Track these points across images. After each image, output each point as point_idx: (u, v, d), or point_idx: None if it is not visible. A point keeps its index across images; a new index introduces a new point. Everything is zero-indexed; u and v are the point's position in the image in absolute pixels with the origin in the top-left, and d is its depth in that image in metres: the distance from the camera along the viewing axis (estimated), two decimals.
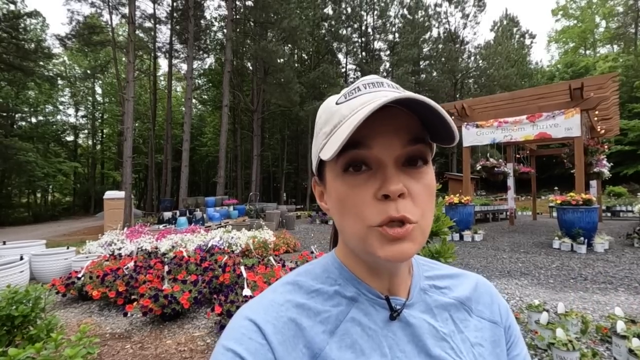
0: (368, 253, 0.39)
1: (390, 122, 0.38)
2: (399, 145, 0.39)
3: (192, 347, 2.87)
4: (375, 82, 0.41)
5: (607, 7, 33.28)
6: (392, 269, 0.44)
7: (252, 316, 0.41)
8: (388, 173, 0.38)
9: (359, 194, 0.39)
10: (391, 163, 0.38)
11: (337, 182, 0.41)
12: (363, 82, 0.42)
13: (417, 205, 0.39)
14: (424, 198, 0.40)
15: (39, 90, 28.26)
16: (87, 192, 33.55)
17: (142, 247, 6.27)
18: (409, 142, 0.39)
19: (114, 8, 23.51)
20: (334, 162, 0.41)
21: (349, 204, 0.39)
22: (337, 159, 0.39)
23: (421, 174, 0.40)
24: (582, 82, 7.76)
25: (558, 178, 25.60)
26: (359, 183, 0.39)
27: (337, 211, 0.42)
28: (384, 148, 0.38)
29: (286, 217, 12.93)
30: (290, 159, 32.11)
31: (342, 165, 0.40)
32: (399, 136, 0.39)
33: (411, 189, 0.39)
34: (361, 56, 33.35)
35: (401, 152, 0.39)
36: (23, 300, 2.44)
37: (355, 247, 0.42)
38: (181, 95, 37.97)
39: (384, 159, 0.38)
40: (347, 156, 0.39)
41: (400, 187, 0.37)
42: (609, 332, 2.66)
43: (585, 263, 5.66)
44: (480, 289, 0.52)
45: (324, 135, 0.41)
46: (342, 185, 0.40)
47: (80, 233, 14.35)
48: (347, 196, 0.39)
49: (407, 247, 0.38)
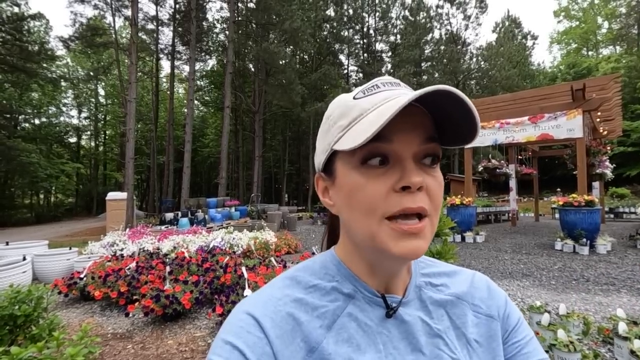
0: (379, 249, 0.39)
1: (409, 120, 0.39)
2: (417, 142, 0.39)
3: (194, 347, 2.87)
4: (393, 82, 0.43)
5: (609, 8, 33.20)
6: (393, 269, 0.44)
7: (250, 310, 0.41)
8: (407, 167, 0.39)
9: (376, 185, 0.39)
10: (410, 158, 0.39)
11: (353, 174, 0.41)
12: (381, 81, 0.43)
13: (432, 200, 0.40)
14: (438, 195, 0.41)
15: (42, 92, 28.41)
16: (90, 193, 33.66)
17: (144, 248, 6.29)
18: (426, 140, 0.40)
19: (117, 10, 23.66)
20: (350, 155, 0.41)
21: (362, 196, 0.39)
22: (355, 151, 0.40)
23: (435, 172, 0.41)
24: (584, 83, 7.74)
25: (560, 179, 25.51)
26: (378, 175, 0.39)
27: (346, 204, 0.42)
28: (404, 143, 0.39)
29: (287, 218, 12.93)
30: (291, 160, 32.14)
31: (360, 158, 0.40)
32: (417, 133, 0.40)
33: (428, 184, 0.40)
34: (363, 58, 33.41)
35: (419, 149, 0.40)
36: (25, 300, 2.46)
37: (362, 242, 0.42)
38: (183, 96, 38.08)
39: (403, 153, 0.39)
40: (367, 148, 0.39)
41: (421, 179, 0.38)
42: (611, 333, 2.64)
43: (588, 264, 5.64)
44: (476, 284, 0.52)
45: (340, 128, 0.41)
46: (360, 176, 0.40)
47: (82, 234, 14.40)
48: (363, 187, 0.39)
49: (420, 244, 0.38)
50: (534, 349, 0.47)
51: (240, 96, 25.67)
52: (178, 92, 38.62)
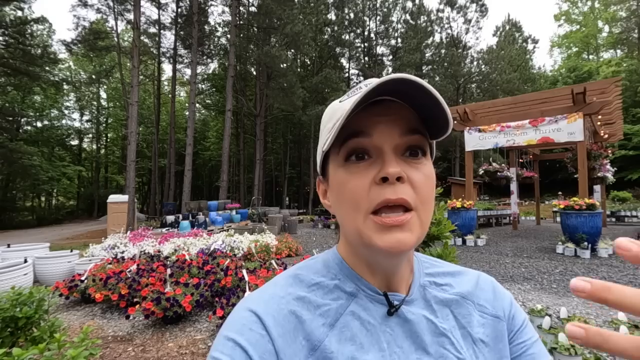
0: (366, 245, 0.40)
1: (388, 113, 0.40)
2: (397, 134, 0.40)
3: (194, 350, 2.87)
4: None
5: (609, 12, 33.30)
6: (390, 266, 0.44)
7: (253, 307, 0.42)
8: (387, 158, 0.39)
9: (359, 180, 0.40)
10: (390, 150, 0.40)
11: (339, 171, 0.42)
12: (365, 83, 0.44)
13: (417, 193, 0.40)
14: (424, 188, 0.40)
15: (45, 95, 28.58)
16: (91, 195, 33.72)
17: (144, 251, 6.29)
18: (407, 132, 0.40)
19: (119, 14, 23.86)
20: (336, 153, 0.42)
21: (347, 191, 0.41)
22: (339, 149, 0.41)
23: (421, 164, 0.41)
24: (584, 86, 7.74)
25: (562, 182, 25.48)
26: (359, 170, 0.40)
27: (336, 202, 0.43)
28: (383, 136, 0.40)
29: (288, 221, 12.92)
30: (292, 163, 32.16)
31: (344, 155, 0.41)
32: (398, 125, 0.40)
33: (411, 176, 0.40)
34: (364, 61, 33.50)
35: (400, 141, 0.40)
36: (27, 302, 2.46)
37: (353, 239, 0.43)
38: (185, 99, 38.26)
39: (384, 146, 0.40)
40: (348, 145, 0.41)
41: (399, 170, 0.38)
42: None
43: (589, 268, 5.62)
44: (481, 284, 0.51)
45: (327, 131, 0.43)
46: (344, 173, 0.41)
47: (83, 236, 14.42)
48: (347, 183, 0.41)
49: (405, 236, 0.38)
50: (539, 351, 0.47)
51: (242, 99, 25.76)
52: (180, 95, 38.76)
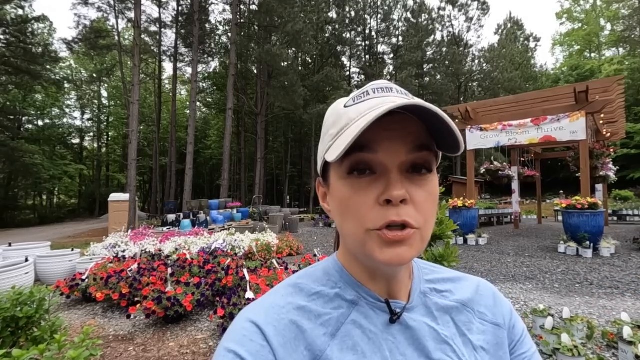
0: (367, 256, 0.39)
1: (396, 128, 0.38)
2: (404, 152, 0.39)
3: (195, 349, 2.87)
4: (385, 87, 0.41)
5: (611, 10, 33.13)
6: (391, 273, 0.44)
7: (253, 318, 0.41)
8: (392, 178, 0.38)
9: (362, 197, 0.39)
10: (395, 169, 0.38)
11: (340, 184, 0.41)
12: (372, 87, 0.42)
13: (420, 212, 0.38)
14: (427, 206, 0.39)
15: (46, 94, 28.63)
16: (92, 194, 33.83)
17: (145, 250, 6.29)
18: (415, 149, 0.39)
19: (120, 12, 23.86)
20: (338, 164, 0.41)
21: (350, 207, 0.39)
22: (342, 161, 0.40)
23: (425, 181, 0.40)
24: (587, 85, 7.71)
25: (563, 181, 25.45)
26: (363, 186, 0.39)
27: (338, 213, 0.42)
28: (389, 153, 0.38)
29: (289, 220, 12.92)
30: (293, 162, 32.17)
31: (346, 168, 0.40)
32: (405, 142, 0.39)
33: (414, 195, 0.38)
34: (365, 60, 33.45)
35: (406, 159, 0.39)
36: (28, 301, 2.45)
37: (354, 249, 0.42)
38: (186, 98, 38.27)
39: (389, 164, 0.38)
40: (352, 159, 0.39)
41: (403, 192, 0.37)
42: (616, 337, 2.62)
43: (591, 267, 5.60)
44: (482, 291, 0.51)
45: (331, 137, 0.42)
46: (346, 187, 0.40)
47: (85, 235, 14.45)
48: (349, 198, 0.39)
49: (405, 251, 0.38)
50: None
51: (243, 98, 25.76)
52: (181, 94, 38.78)
